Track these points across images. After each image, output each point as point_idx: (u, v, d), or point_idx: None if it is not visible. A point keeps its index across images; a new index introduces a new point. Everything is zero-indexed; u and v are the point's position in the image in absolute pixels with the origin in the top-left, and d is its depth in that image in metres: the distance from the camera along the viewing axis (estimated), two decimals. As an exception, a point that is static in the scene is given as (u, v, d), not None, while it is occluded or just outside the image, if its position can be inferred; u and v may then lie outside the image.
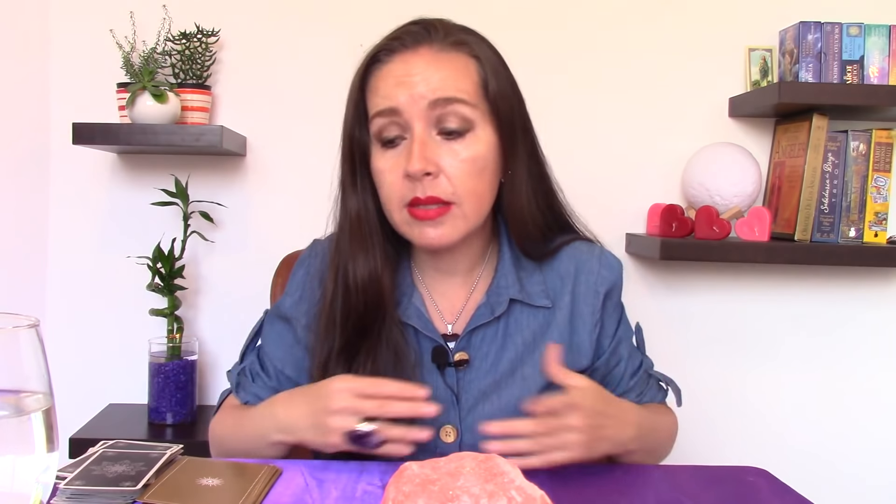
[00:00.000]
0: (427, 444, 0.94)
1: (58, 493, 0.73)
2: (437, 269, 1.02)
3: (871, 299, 1.81)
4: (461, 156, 0.92)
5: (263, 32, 1.74)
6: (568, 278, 1.01)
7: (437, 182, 0.91)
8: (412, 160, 0.90)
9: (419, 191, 0.91)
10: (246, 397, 1.03)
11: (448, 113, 0.91)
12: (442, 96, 0.91)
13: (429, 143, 0.91)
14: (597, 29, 1.76)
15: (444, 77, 0.91)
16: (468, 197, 0.93)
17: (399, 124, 0.92)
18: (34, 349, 0.54)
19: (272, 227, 1.76)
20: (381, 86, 0.93)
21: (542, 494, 0.64)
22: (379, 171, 0.94)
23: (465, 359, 0.97)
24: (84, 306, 1.76)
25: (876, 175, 1.65)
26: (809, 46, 1.63)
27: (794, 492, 0.84)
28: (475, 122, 0.93)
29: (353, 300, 0.96)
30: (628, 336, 1.06)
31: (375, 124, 0.94)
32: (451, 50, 0.94)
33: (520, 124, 0.98)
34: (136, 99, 1.54)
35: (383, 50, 0.95)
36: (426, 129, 0.91)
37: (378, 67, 0.95)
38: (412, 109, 0.91)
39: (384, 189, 0.94)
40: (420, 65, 0.92)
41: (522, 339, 0.98)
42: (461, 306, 1.01)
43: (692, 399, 1.77)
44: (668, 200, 1.72)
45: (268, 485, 0.79)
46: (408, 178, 0.91)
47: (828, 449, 1.81)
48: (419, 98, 0.90)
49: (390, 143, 0.93)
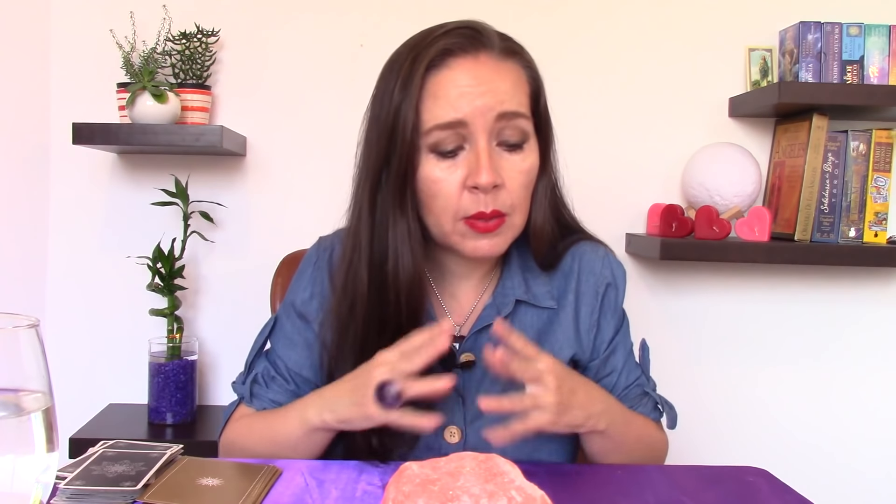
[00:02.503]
0: (432, 445, 0.94)
1: (58, 493, 0.73)
2: (452, 274, 1.02)
3: (871, 299, 1.81)
4: (519, 167, 0.92)
5: (263, 32, 1.74)
6: (572, 276, 1.02)
7: (500, 195, 0.90)
8: (482, 173, 0.88)
9: (483, 204, 0.89)
10: (262, 404, 1.00)
11: (511, 126, 0.90)
12: (508, 110, 0.90)
13: (493, 156, 0.90)
14: (596, 29, 1.76)
15: (507, 90, 0.90)
16: (520, 208, 0.93)
17: (461, 135, 0.90)
18: (34, 349, 0.54)
19: (272, 227, 1.76)
20: (442, 93, 0.89)
21: (542, 494, 0.64)
22: (434, 180, 0.90)
23: (472, 360, 0.97)
24: (84, 306, 1.76)
25: (876, 175, 1.65)
26: (809, 46, 1.63)
27: (794, 492, 0.84)
28: (530, 134, 0.93)
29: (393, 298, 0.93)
30: (626, 348, 1.05)
31: (435, 136, 0.89)
32: (508, 58, 0.93)
33: (550, 141, 0.99)
34: (136, 99, 1.54)
35: (438, 55, 0.90)
36: (489, 141, 0.90)
37: (434, 74, 0.90)
38: (478, 122, 0.89)
39: (439, 200, 0.91)
40: (484, 74, 0.90)
41: (528, 339, 0.97)
42: (469, 309, 1.01)
43: (692, 399, 1.78)
44: (668, 200, 1.72)
45: (268, 485, 0.79)
46: (472, 190, 0.89)
47: (828, 448, 1.81)
48: (487, 110, 0.89)
49: (449, 153, 0.90)
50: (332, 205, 1.05)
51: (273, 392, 1.01)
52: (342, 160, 1.26)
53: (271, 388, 1.01)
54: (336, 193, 1.05)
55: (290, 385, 1.01)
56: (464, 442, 0.95)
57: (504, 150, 0.91)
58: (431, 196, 0.91)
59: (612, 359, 1.03)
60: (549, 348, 0.98)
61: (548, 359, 0.88)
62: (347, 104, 1.72)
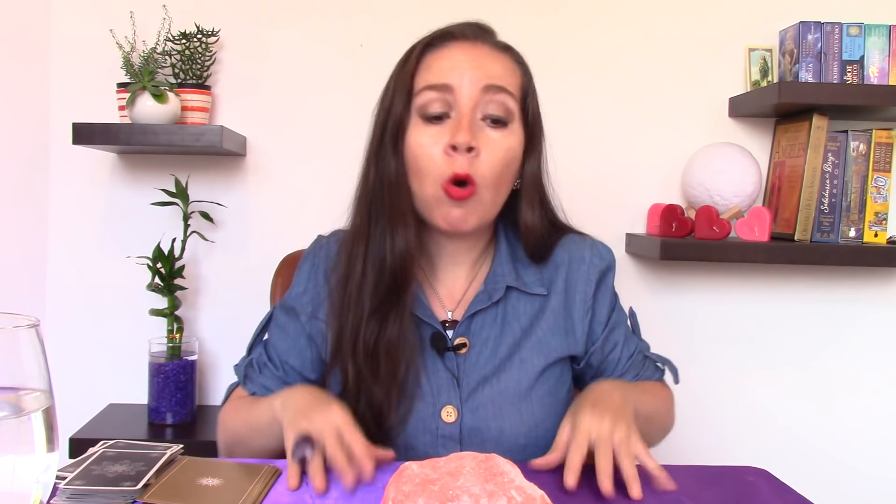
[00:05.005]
0: (429, 426, 0.97)
1: (58, 492, 0.73)
2: (440, 258, 1.05)
3: (871, 299, 1.81)
4: (499, 143, 0.96)
5: (263, 32, 1.74)
6: (562, 266, 1.05)
7: (475, 162, 0.94)
8: (460, 132, 0.92)
9: (458, 166, 0.93)
10: (254, 388, 1.05)
11: (496, 101, 0.95)
12: (496, 83, 0.95)
13: (474, 123, 0.95)
14: (596, 29, 1.76)
15: (497, 70, 0.97)
16: (493, 184, 0.96)
17: (447, 101, 0.95)
18: (34, 349, 0.54)
19: (272, 227, 1.76)
20: (436, 65, 0.97)
21: (542, 494, 0.64)
22: (418, 144, 0.95)
23: (465, 343, 1.00)
24: (84, 306, 1.76)
25: (876, 175, 1.66)
26: (809, 46, 1.63)
27: (794, 492, 0.84)
28: (515, 117, 0.98)
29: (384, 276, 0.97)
30: (622, 321, 1.09)
31: (423, 97, 0.95)
32: (505, 52, 1.01)
33: (538, 140, 1.03)
34: (136, 99, 1.54)
35: (439, 37, 0.99)
36: (473, 111, 0.95)
37: (432, 51, 0.98)
38: (465, 90, 0.94)
39: (422, 162, 0.95)
40: (478, 54, 0.97)
41: (520, 325, 1.02)
42: (461, 295, 1.04)
43: (692, 399, 1.78)
44: (668, 200, 1.72)
45: (268, 485, 0.79)
46: (450, 151, 0.93)
47: (828, 448, 1.81)
48: (475, 80, 0.95)
49: (434, 118, 0.95)
50: (332, 205, 1.05)
51: (264, 378, 1.05)
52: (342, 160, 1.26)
53: (263, 373, 1.05)
54: (336, 193, 1.06)
55: (278, 372, 1.05)
56: (460, 421, 0.97)
57: (488, 124, 0.96)
58: (416, 158, 0.96)
59: (613, 335, 1.07)
60: (541, 335, 1.01)
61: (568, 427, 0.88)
62: (347, 104, 1.73)
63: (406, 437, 0.96)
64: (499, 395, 0.98)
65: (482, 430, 0.97)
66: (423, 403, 0.97)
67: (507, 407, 0.98)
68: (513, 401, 0.98)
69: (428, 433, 0.96)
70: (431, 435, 0.96)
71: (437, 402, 0.97)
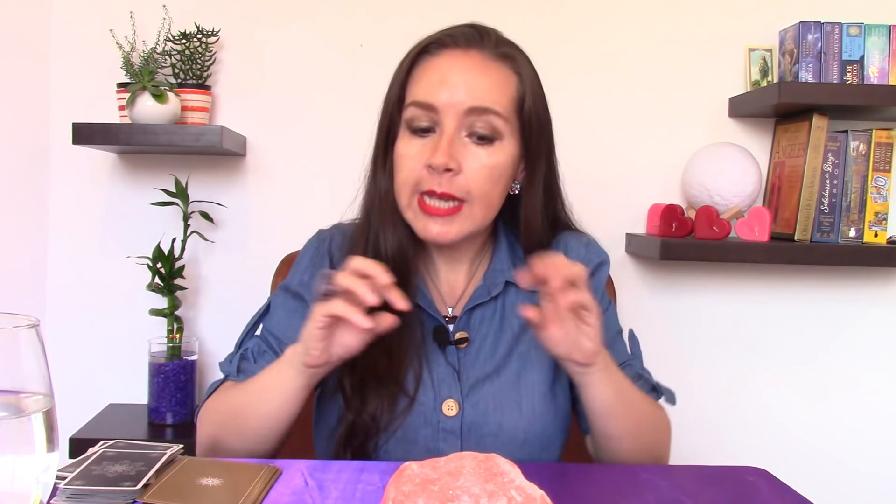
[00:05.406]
0: (430, 419, 0.97)
1: (58, 493, 0.73)
2: (440, 257, 1.06)
3: (871, 299, 1.81)
4: (483, 161, 0.96)
5: (263, 32, 1.74)
6: None
7: (455, 180, 0.95)
8: (438, 153, 0.93)
9: (435, 184, 0.94)
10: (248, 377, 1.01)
11: (481, 121, 0.95)
12: (479, 105, 0.95)
13: (456, 142, 0.95)
14: (596, 29, 1.76)
15: (485, 87, 0.96)
16: (480, 199, 0.97)
17: (433, 118, 0.96)
18: (34, 349, 0.54)
19: (272, 227, 1.76)
20: (425, 79, 0.97)
21: (542, 494, 0.64)
22: (401, 154, 0.97)
23: (465, 337, 1.01)
24: (84, 306, 1.76)
25: (876, 175, 1.65)
26: (809, 46, 1.63)
27: (794, 492, 0.84)
28: (504, 133, 0.97)
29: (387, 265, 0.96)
30: (613, 329, 1.07)
31: (410, 111, 0.97)
32: (499, 60, 0.98)
33: (544, 143, 1.02)
34: (136, 99, 1.55)
35: (434, 42, 0.99)
36: (457, 130, 0.95)
37: (425, 58, 0.99)
38: (448, 111, 0.95)
39: (402, 173, 0.97)
40: (466, 68, 0.96)
41: (518, 321, 1.02)
42: (461, 291, 1.06)
43: (692, 399, 1.78)
44: (668, 200, 1.72)
45: (268, 485, 0.79)
46: (429, 169, 0.94)
47: (828, 449, 1.81)
48: (458, 103, 0.95)
49: (420, 131, 0.97)
50: (332, 205, 1.05)
51: (261, 366, 1.01)
52: (342, 160, 1.26)
53: (259, 362, 1.01)
54: (336, 193, 1.06)
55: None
56: (461, 415, 0.97)
57: (473, 141, 0.96)
58: (398, 169, 0.98)
59: None
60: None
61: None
62: (347, 104, 1.72)
63: (407, 430, 0.96)
64: (498, 390, 0.99)
65: (482, 425, 0.97)
66: (425, 397, 0.97)
67: (507, 402, 0.98)
68: (512, 395, 0.99)
69: (429, 426, 0.97)
70: (433, 428, 0.97)
71: (438, 396, 0.98)
